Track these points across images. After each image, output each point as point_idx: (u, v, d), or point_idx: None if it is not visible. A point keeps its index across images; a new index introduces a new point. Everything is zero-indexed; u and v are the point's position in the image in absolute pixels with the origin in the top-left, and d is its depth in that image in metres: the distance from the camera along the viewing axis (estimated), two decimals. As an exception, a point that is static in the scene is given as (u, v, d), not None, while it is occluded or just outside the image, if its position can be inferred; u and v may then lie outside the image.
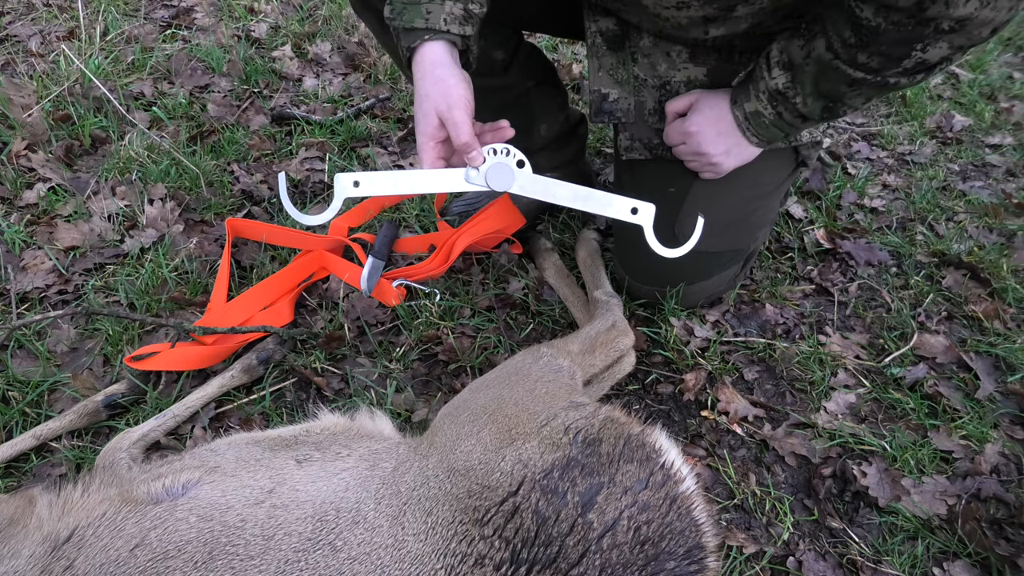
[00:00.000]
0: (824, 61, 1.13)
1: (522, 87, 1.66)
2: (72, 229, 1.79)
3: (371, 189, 1.14)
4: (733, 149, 1.35)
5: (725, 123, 1.32)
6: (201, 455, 1.08)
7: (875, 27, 1.02)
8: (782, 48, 1.20)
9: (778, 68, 1.21)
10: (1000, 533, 1.26)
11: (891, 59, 1.06)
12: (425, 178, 1.15)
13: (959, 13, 0.94)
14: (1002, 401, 1.51)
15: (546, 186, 1.16)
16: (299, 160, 2.09)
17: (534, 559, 0.82)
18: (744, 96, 1.29)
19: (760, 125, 1.29)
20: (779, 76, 1.21)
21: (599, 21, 1.41)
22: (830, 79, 1.15)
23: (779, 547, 1.26)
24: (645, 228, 1.18)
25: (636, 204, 1.18)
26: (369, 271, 1.65)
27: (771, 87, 1.23)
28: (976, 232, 1.96)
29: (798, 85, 1.20)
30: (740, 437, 1.43)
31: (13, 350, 1.52)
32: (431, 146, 1.14)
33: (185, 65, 2.45)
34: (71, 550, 0.89)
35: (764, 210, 1.52)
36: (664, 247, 1.19)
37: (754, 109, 1.28)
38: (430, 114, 1.12)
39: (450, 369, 1.53)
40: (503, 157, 1.15)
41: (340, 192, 1.13)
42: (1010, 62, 2.91)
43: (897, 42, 1.02)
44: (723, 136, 1.33)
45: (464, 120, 1.10)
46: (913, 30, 0.99)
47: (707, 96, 1.35)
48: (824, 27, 1.11)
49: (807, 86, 1.19)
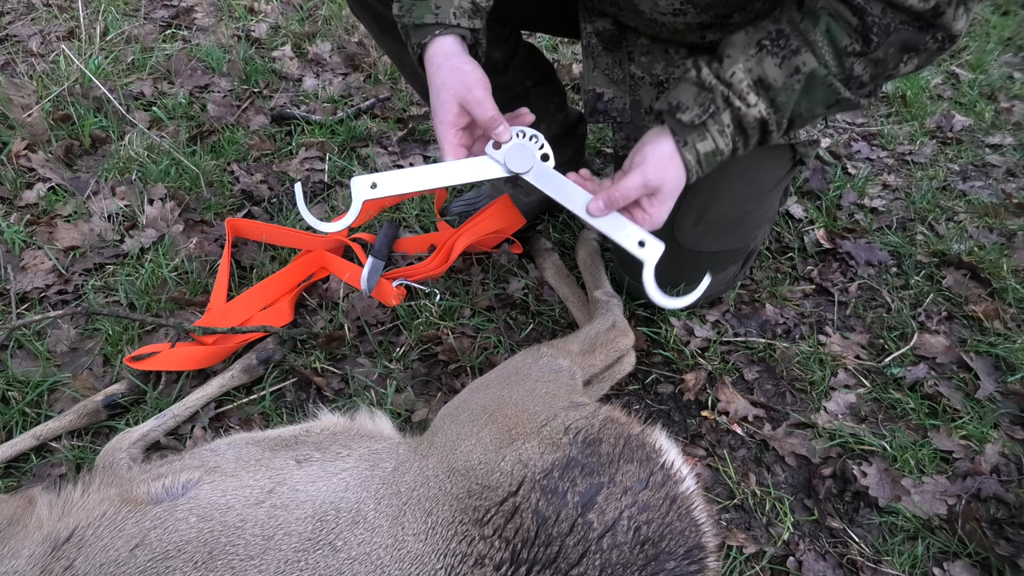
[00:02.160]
0: (816, 78, 1.02)
1: (521, 87, 1.66)
2: (72, 229, 1.79)
3: (389, 189, 1.12)
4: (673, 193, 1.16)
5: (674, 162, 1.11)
6: (201, 455, 1.08)
7: (886, 25, 0.97)
8: (749, 69, 1.04)
9: (752, 93, 1.05)
10: (1000, 533, 1.26)
11: (880, 72, 1.02)
12: (442, 171, 1.13)
13: (957, 27, 0.95)
14: (1002, 401, 1.51)
15: (560, 186, 1.13)
16: (299, 160, 2.09)
17: (534, 559, 0.82)
18: (698, 135, 1.09)
19: (711, 164, 1.12)
20: (757, 102, 1.05)
21: (595, 22, 1.41)
22: (814, 98, 1.05)
23: (779, 547, 1.26)
24: (645, 265, 1.11)
25: (645, 238, 1.11)
26: (369, 271, 1.65)
27: (749, 117, 1.06)
28: (976, 232, 1.96)
29: (780, 110, 1.06)
30: (740, 437, 1.43)
31: (13, 350, 1.52)
32: (452, 133, 1.12)
33: (185, 65, 2.45)
34: (71, 550, 0.89)
35: (762, 209, 1.52)
36: (661, 294, 1.12)
37: (712, 148, 1.09)
38: (449, 102, 1.10)
39: (450, 369, 1.53)
40: (527, 141, 1.12)
41: (358, 196, 1.11)
42: (1010, 62, 2.91)
43: (899, 48, 0.99)
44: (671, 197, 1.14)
45: (486, 97, 1.09)
46: (915, 35, 0.98)
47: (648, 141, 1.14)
48: (807, 40, 1.01)
49: (787, 110, 1.06)
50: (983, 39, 3.02)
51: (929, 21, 0.96)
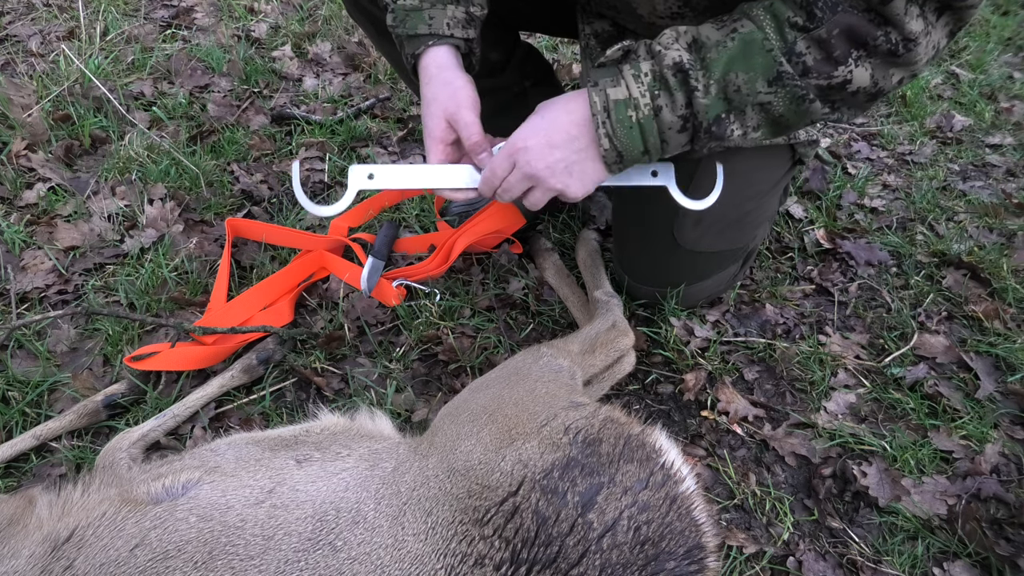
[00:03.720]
0: (752, 41, 0.96)
1: (519, 87, 1.66)
2: (72, 229, 1.79)
3: (385, 182, 1.15)
4: (575, 164, 1.07)
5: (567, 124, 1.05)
6: (201, 455, 1.08)
7: (833, 4, 0.92)
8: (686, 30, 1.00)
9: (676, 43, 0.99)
10: (1000, 533, 1.26)
11: (827, 60, 0.96)
12: (440, 173, 1.15)
13: (911, 28, 0.90)
14: (1002, 401, 1.51)
15: None
16: (299, 160, 2.09)
17: (534, 559, 0.82)
18: (611, 78, 1.01)
19: (623, 122, 1.01)
20: (679, 49, 0.99)
21: (593, 24, 1.41)
22: (752, 65, 0.97)
23: (779, 547, 1.26)
24: (668, 187, 1.18)
25: (655, 167, 1.18)
26: (369, 271, 1.65)
27: (666, 61, 0.98)
28: (976, 232, 1.96)
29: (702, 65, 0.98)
30: (740, 437, 1.43)
31: (13, 350, 1.52)
32: (440, 148, 1.15)
33: (185, 65, 2.45)
34: (71, 550, 0.89)
35: (761, 209, 1.52)
36: (690, 200, 1.18)
37: (624, 96, 1.00)
38: (438, 116, 1.12)
39: (450, 369, 1.53)
40: None
41: (354, 184, 1.14)
42: (1010, 62, 2.91)
43: (844, 34, 0.93)
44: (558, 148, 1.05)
45: (474, 120, 1.11)
46: (866, 27, 0.92)
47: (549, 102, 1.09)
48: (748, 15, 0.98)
49: (717, 69, 0.98)
50: (983, 39, 3.02)
51: (877, 10, 0.91)
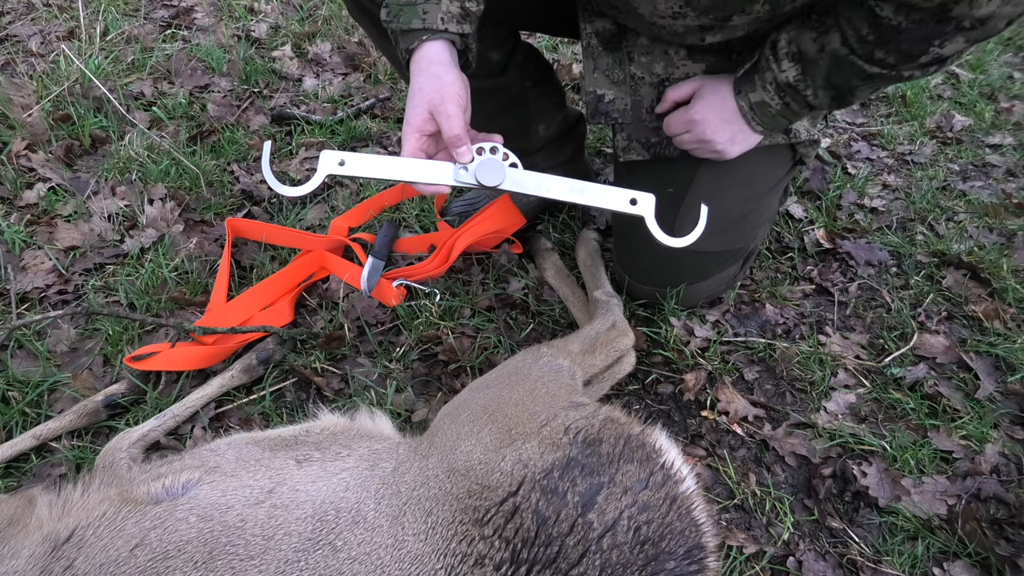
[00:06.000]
0: (839, 56, 1.11)
1: (519, 88, 1.65)
2: (72, 229, 1.79)
3: (356, 169, 1.12)
4: (737, 136, 1.34)
5: (729, 110, 1.30)
6: (201, 455, 1.08)
7: (895, 26, 1.01)
8: (791, 39, 1.18)
9: (788, 60, 1.19)
10: (1000, 533, 1.26)
11: (909, 56, 1.06)
12: (412, 167, 1.12)
13: (982, 12, 0.95)
14: (1002, 401, 1.51)
15: (539, 181, 1.13)
16: (299, 160, 2.09)
17: (534, 559, 0.82)
18: (749, 86, 1.27)
19: (766, 115, 1.28)
20: (789, 68, 1.19)
21: (595, 23, 1.41)
22: (844, 73, 1.14)
23: (779, 547, 1.26)
24: (646, 218, 1.15)
25: (635, 195, 1.15)
26: (369, 271, 1.65)
27: (780, 80, 1.21)
28: (976, 232, 1.96)
29: (809, 78, 1.18)
30: (740, 437, 1.43)
31: (13, 350, 1.52)
32: (415, 137, 1.12)
33: (185, 65, 2.45)
34: (71, 550, 0.89)
35: (762, 209, 1.52)
36: (668, 236, 1.16)
37: (760, 100, 1.26)
38: (420, 107, 1.10)
39: (450, 369, 1.53)
40: (492, 155, 1.12)
41: (324, 168, 1.12)
42: (1010, 62, 2.90)
43: (917, 40, 1.02)
44: (727, 123, 1.32)
45: (457, 114, 1.08)
46: (934, 28, 0.99)
47: (710, 83, 1.33)
48: (839, 21, 1.09)
49: (818, 79, 1.17)
50: (983, 39, 3.01)
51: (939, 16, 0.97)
